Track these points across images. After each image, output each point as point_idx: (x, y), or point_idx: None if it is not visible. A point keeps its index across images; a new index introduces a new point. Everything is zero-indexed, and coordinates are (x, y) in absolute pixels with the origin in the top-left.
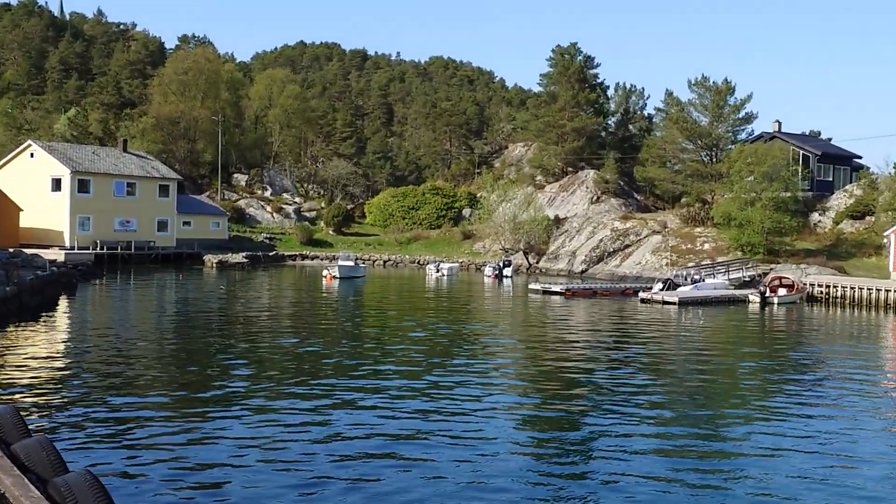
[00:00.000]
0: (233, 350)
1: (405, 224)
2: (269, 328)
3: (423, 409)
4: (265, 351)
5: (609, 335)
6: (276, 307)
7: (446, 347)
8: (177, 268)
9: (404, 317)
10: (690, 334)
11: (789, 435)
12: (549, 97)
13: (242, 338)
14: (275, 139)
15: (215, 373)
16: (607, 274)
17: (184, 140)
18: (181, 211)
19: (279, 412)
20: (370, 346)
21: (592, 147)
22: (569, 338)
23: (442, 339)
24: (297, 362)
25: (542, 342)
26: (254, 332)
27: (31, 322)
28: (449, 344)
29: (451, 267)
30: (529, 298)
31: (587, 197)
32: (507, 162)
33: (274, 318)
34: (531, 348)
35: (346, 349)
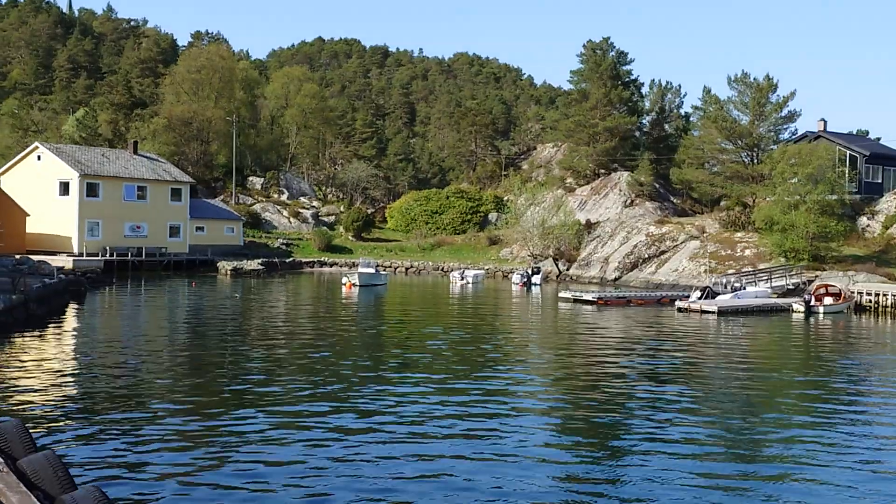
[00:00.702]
0: (248, 362)
1: (428, 229)
2: (285, 339)
3: (448, 424)
4: (282, 363)
5: (644, 346)
6: (293, 317)
7: (472, 359)
8: (189, 275)
9: (427, 327)
10: (730, 345)
11: (833, 451)
12: (579, 95)
13: (258, 349)
14: (292, 140)
15: (229, 386)
16: (642, 282)
17: (197, 141)
18: (194, 216)
19: (297, 427)
20: (392, 357)
21: (626, 148)
22: (601, 349)
23: (467, 350)
24: (315, 375)
25: (573, 353)
26: (270, 343)
27: (39, 332)
28: (475, 355)
29: (477, 274)
30: (559, 307)
31: (620, 200)
32: (535, 163)
33: (291, 329)
34: (561, 360)
35: (367, 361)
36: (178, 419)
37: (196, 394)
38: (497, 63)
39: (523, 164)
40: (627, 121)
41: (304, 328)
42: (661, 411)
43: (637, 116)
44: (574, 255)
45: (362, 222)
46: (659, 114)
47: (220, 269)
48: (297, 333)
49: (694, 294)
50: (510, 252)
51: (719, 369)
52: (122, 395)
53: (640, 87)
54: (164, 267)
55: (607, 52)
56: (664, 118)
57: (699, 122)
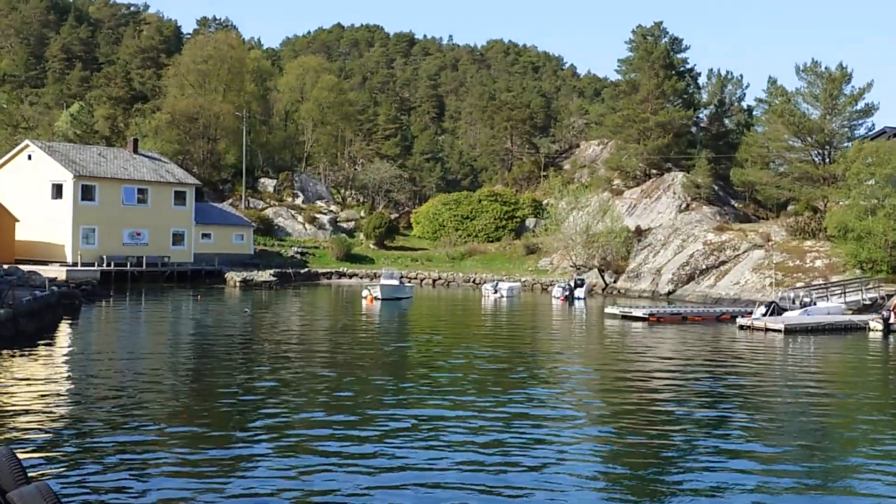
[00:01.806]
0: (258, 384)
1: (458, 236)
2: (300, 358)
3: (479, 454)
4: (294, 385)
5: (701, 368)
6: (308, 334)
7: (506, 381)
8: (194, 287)
9: (457, 345)
10: (798, 368)
11: None
12: (628, 86)
13: (269, 369)
14: (307, 138)
15: (237, 411)
16: (699, 296)
17: (203, 139)
18: (200, 221)
19: (310, 453)
20: (418, 378)
21: (681, 145)
22: (653, 371)
23: (502, 372)
24: (331, 398)
25: (621, 376)
26: (283, 362)
27: (29, 350)
28: (510, 377)
29: (512, 287)
30: (606, 325)
31: (674, 204)
32: (578, 163)
33: (306, 347)
34: (608, 384)
35: (389, 384)
36: (181, 447)
37: (201, 420)
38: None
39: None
40: (682, 115)
41: (320, 346)
42: (719, 439)
43: (693, 110)
44: (622, 266)
45: (385, 229)
46: (718, 107)
47: (228, 280)
48: (312, 352)
49: (758, 310)
50: (550, 262)
51: (786, 395)
52: (119, 421)
53: (697, 78)
54: (167, 278)
55: (659, 39)
56: (724, 112)
57: (763, 116)
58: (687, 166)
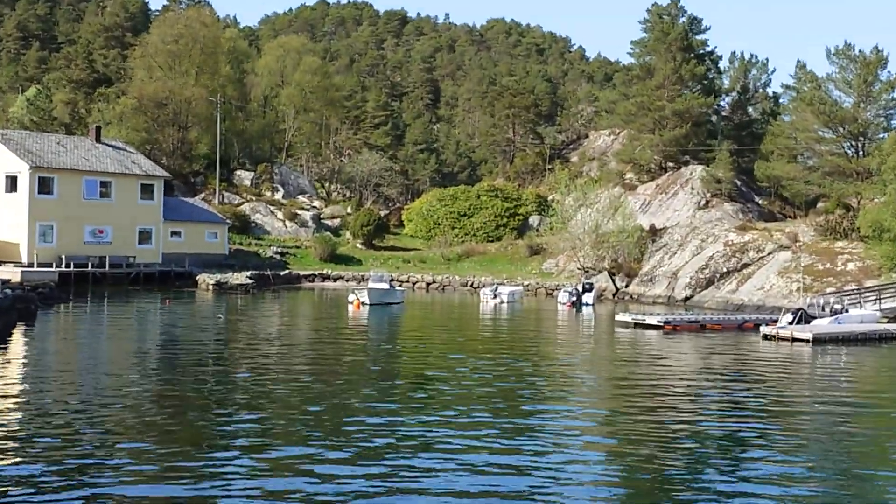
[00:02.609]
0: (232, 397)
1: (455, 236)
2: (279, 370)
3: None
4: (273, 399)
5: (720, 381)
6: (288, 342)
7: (506, 396)
8: (162, 290)
9: (452, 356)
10: (828, 381)
11: None
12: (642, 71)
13: (245, 382)
14: (288, 126)
15: (209, 427)
16: (719, 302)
17: (173, 127)
18: (169, 218)
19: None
20: (409, 393)
21: (700, 136)
22: (668, 385)
23: (501, 384)
24: (313, 414)
25: (633, 390)
26: (259, 374)
27: None
28: (509, 391)
29: (514, 291)
30: (617, 333)
31: (693, 201)
32: (587, 155)
33: (286, 357)
34: (618, 397)
35: (377, 398)
36: (145, 465)
37: (170, 438)
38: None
39: (572, 156)
40: (702, 102)
41: (301, 357)
42: (741, 462)
43: (714, 97)
44: (635, 269)
45: (374, 227)
46: (741, 94)
47: (199, 283)
48: (292, 363)
49: (784, 318)
50: (555, 264)
51: (814, 411)
52: (77, 438)
53: (718, 62)
54: (132, 280)
55: (677, 18)
56: (747, 99)
57: (791, 104)
58: (706, 159)
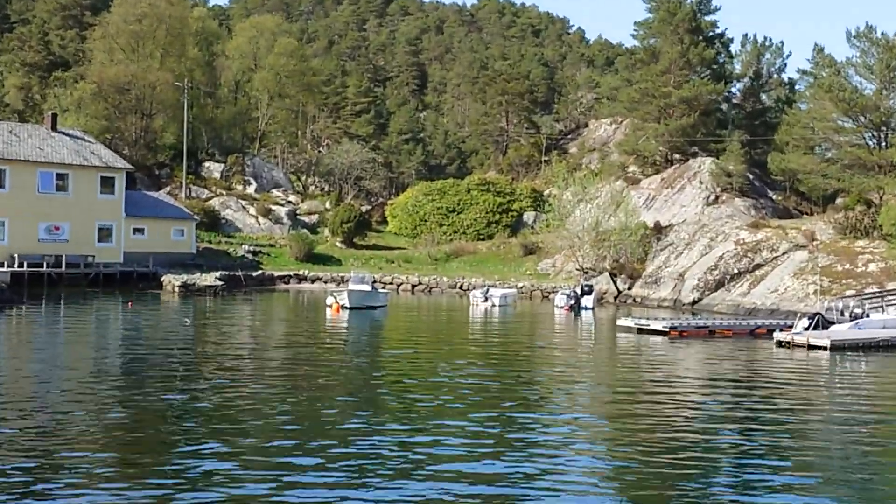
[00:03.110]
0: (199, 408)
1: (443, 233)
2: (251, 379)
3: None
4: (244, 412)
5: (731, 392)
6: (261, 349)
7: (497, 407)
8: (124, 292)
9: (439, 364)
10: (847, 392)
11: None
12: (647, 55)
13: (213, 392)
14: (262, 114)
15: (174, 443)
16: (729, 306)
17: (136, 115)
18: (131, 213)
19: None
20: (393, 403)
21: (709, 125)
22: (674, 395)
23: (492, 395)
24: (288, 428)
25: (636, 401)
26: (230, 384)
27: None
28: (501, 402)
29: (507, 294)
30: (618, 339)
31: (701, 196)
32: (587, 146)
33: (258, 365)
34: (620, 409)
35: (357, 409)
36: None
37: (127, 450)
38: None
39: (571, 147)
40: (711, 89)
41: (275, 365)
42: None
43: (724, 83)
44: (638, 270)
45: (354, 224)
46: (753, 80)
47: (165, 284)
48: (265, 372)
49: (799, 323)
50: (552, 265)
51: (833, 424)
52: (29, 453)
53: (729, 45)
54: (91, 281)
55: None
56: (760, 86)
57: (808, 91)
58: (716, 150)
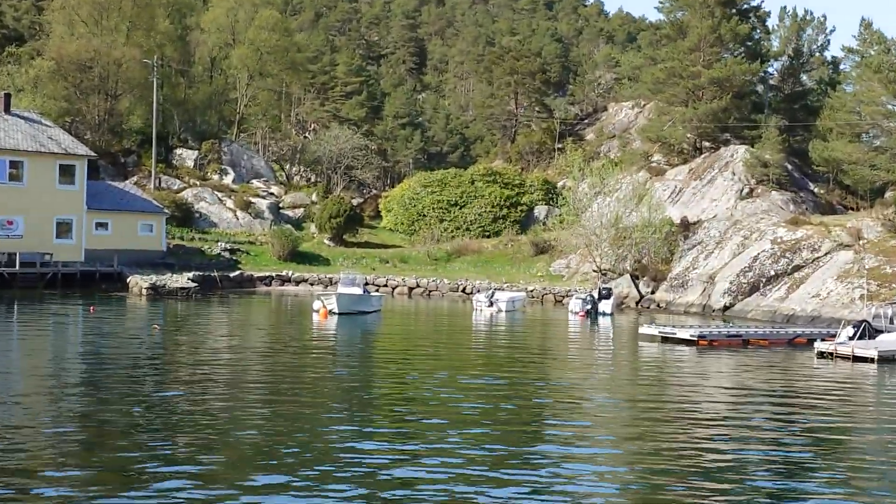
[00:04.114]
0: (169, 427)
1: (443, 230)
2: (226, 393)
3: None
4: (220, 432)
5: (766, 409)
6: (238, 359)
7: (504, 428)
8: (86, 295)
9: (439, 376)
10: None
11: None
12: (673, 30)
13: (185, 407)
14: (241, 95)
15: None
16: (765, 312)
17: (99, 96)
18: (94, 206)
19: None
20: (387, 421)
21: (743, 109)
22: (702, 412)
23: (497, 413)
24: (269, 450)
25: (661, 418)
26: (203, 399)
27: None
28: (508, 421)
29: (514, 298)
30: (641, 349)
31: (734, 188)
32: (605, 132)
33: (235, 378)
34: (643, 428)
35: (346, 428)
36: None
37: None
38: None
39: (587, 133)
40: (745, 68)
41: (254, 378)
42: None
43: (760, 62)
44: (663, 271)
45: (344, 218)
46: (793, 59)
47: (131, 286)
48: (242, 386)
49: (844, 332)
50: (566, 265)
51: (881, 445)
52: None
53: (765, 19)
54: (49, 283)
55: None
56: (800, 65)
57: (854, 71)
58: (751, 138)
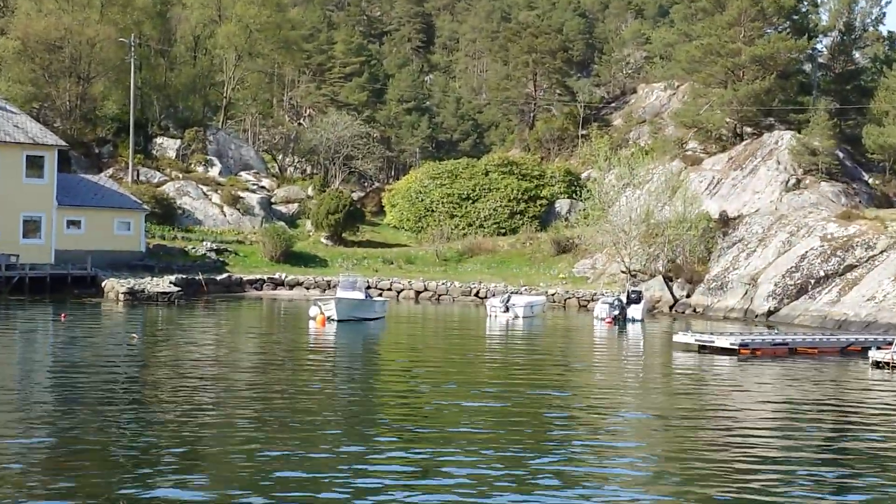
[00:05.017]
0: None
1: (454, 227)
2: (212, 411)
3: None
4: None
5: (815, 424)
6: (226, 372)
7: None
8: (56, 301)
9: (449, 392)
10: None
11: None
12: (711, 3)
13: (167, 425)
14: (228, 77)
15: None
16: (814, 317)
17: (71, 79)
18: (65, 202)
19: None
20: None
21: (789, 90)
22: (745, 429)
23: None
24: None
25: (699, 437)
26: (186, 418)
27: None
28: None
29: (533, 303)
30: (675, 360)
31: (779, 179)
32: (635, 117)
33: (222, 393)
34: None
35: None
36: None
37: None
38: None
39: (615, 119)
40: (791, 45)
41: (243, 394)
42: None
43: (808, 38)
44: (699, 272)
45: (344, 215)
46: (844, 34)
47: (107, 290)
48: (230, 403)
49: None
50: (591, 266)
51: None
52: None
53: None
54: (15, 287)
55: None
56: (853, 42)
57: None
58: (797, 122)
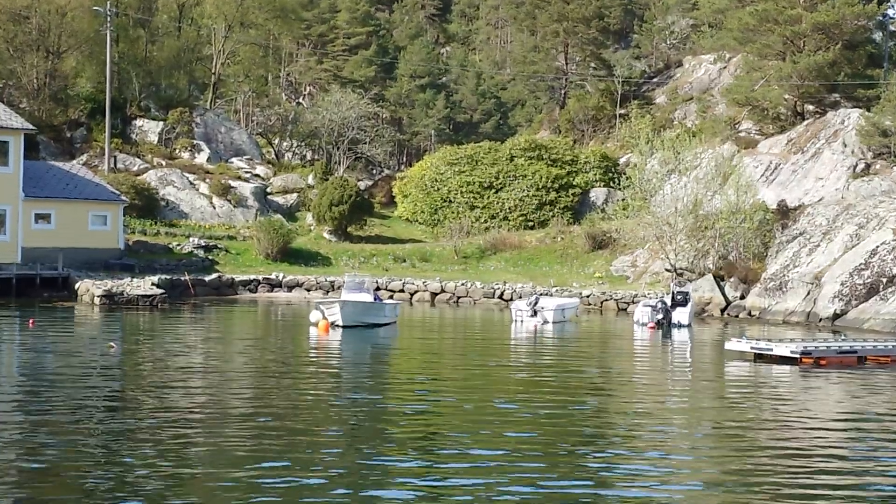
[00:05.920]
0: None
1: (475, 219)
2: (200, 430)
3: None
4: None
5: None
6: (216, 384)
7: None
8: (24, 305)
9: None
10: None
11: None
12: None
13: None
14: (217, 51)
15: None
16: (887, 321)
17: (38, 53)
18: (32, 194)
19: None
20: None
21: (856, 63)
22: (810, 448)
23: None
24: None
25: (757, 457)
26: (170, 436)
27: None
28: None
29: (564, 306)
30: (728, 369)
31: (845, 164)
32: (680, 94)
33: (212, 410)
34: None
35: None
36: None
37: None
38: None
39: (657, 96)
40: (858, 11)
41: (236, 410)
42: None
43: (878, 3)
44: (755, 271)
45: (349, 206)
46: None
47: (81, 293)
48: (220, 420)
49: None
50: (631, 263)
51: None
52: None
53: None
54: None
55: None
56: None
57: None
58: (866, 99)
